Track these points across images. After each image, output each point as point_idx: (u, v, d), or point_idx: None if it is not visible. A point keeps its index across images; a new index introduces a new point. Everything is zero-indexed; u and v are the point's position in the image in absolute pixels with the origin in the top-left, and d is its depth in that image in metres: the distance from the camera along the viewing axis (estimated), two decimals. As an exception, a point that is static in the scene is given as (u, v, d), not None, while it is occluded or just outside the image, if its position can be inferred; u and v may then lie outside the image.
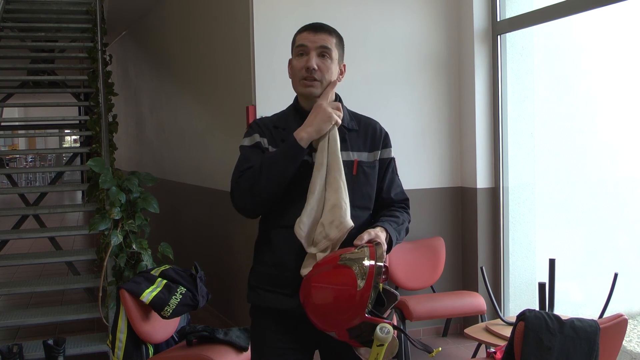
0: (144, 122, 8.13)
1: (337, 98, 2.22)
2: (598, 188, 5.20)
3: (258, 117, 4.39)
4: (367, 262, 1.78)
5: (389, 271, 1.92)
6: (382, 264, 1.80)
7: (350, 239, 1.95)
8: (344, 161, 2.05)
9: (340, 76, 2.20)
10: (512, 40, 4.75)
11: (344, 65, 2.23)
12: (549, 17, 4.34)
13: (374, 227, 1.99)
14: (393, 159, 2.21)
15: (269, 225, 2.11)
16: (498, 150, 4.76)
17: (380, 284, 1.87)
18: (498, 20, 4.74)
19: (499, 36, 4.74)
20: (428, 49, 4.86)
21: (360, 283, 1.75)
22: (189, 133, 6.17)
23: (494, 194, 4.80)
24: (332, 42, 2.11)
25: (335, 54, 2.12)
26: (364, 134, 2.17)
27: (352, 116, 2.22)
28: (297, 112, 2.14)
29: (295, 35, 2.18)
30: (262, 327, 2.10)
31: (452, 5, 4.89)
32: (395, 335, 1.77)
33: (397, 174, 2.25)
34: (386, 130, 2.24)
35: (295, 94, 2.20)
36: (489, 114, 4.79)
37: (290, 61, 2.20)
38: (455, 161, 4.95)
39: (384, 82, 4.74)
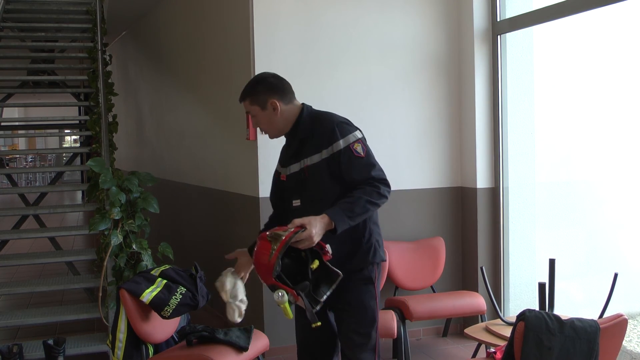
0: (144, 122, 8.13)
1: (300, 114, 2.65)
2: (598, 188, 5.20)
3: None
4: (279, 243, 2.26)
5: (328, 251, 2.39)
6: (288, 242, 2.26)
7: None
8: (302, 168, 2.60)
9: (276, 111, 2.61)
10: (512, 40, 4.74)
11: (273, 102, 2.61)
12: (549, 17, 4.34)
13: (319, 217, 2.38)
14: (347, 147, 2.52)
15: None
16: (498, 150, 4.76)
17: (316, 262, 2.37)
18: (498, 20, 4.74)
19: (499, 36, 4.74)
20: (428, 49, 4.86)
21: (270, 256, 2.26)
22: (189, 133, 6.17)
23: (494, 194, 4.80)
24: (247, 105, 2.64)
25: (255, 109, 2.62)
26: (316, 137, 2.58)
27: (312, 123, 2.63)
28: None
29: None
30: None
31: (452, 5, 4.89)
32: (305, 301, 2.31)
33: (360, 156, 2.53)
34: (367, 126, 2.86)
35: None
36: (489, 114, 4.79)
37: None
38: (455, 161, 4.95)
39: (384, 82, 4.74)
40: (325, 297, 2.38)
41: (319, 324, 2.36)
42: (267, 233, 2.34)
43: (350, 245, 2.59)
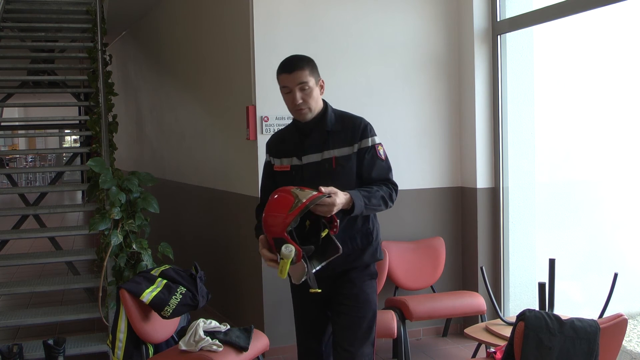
0: (144, 122, 8.13)
1: (324, 107, 2.66)
2: (598, 188, 5.20)
3: (259, 117, 4.40)
4: (304, 200, 2.27)
5: (337, 225, 2.40)
6: (313, 202, 2.27)
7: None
8: (326, 159, 2.59)
9: (322, 90, 2.66)
10: (512, 40, 4.75)
11: (322, 81, 2.66)
12: (549, 17, 4.34)
13: (344, 192, 2.41)
14: (373, 146, 2.63)
15: None
16: (498, 150, 4.76)
17: (326, 231, 2.40)
18: (498, 20, 4.74)
19: (499, 36, 4.74)
20: (428, 49, 4.86)
21: (291, 210, 2.26)
22: (189, 133, 6.17)
23: (494, 194, 4.80)
24: (306, 75, 2.57)
25: (312, 81, 2.58)
26: (346, 132, 2.63)
27: (339, 118, 2.67)
28: (296, 127, 2.70)
29: (277, 74, 2.63)
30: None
31: (452, 5, 4.89)
32: (304, 265, 2.32)
33: (381, 158, 2.64)
34: (377, 126, 2.71)
35: None
36: (489, 114, 4.79)
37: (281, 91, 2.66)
38: (455, 161, 4.95)
39: (384, 82, 4.74)
40: (314, 270, 2.38)
41: (319, 290, 2.39)
42: (293, 188, 2.35)
43: (361, 241, 2.64)
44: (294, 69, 2.56)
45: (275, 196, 2.37)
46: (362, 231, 2.63)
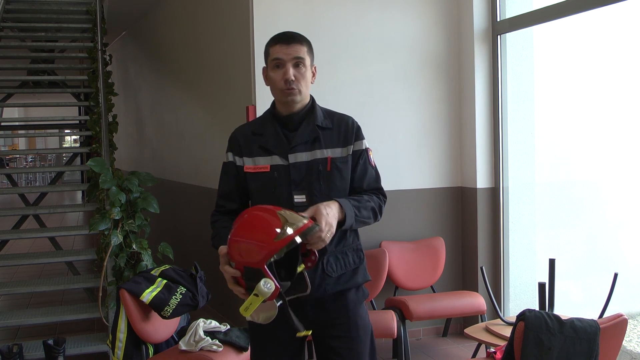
0: (144, 122, 8.13)
1: (311, 99, 2.33)
2: (598, 188, 5.20)
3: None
4: (291, 230, 1.88)
5: (316, 261, 2.04)
6: (299, 240, 1.90)
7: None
8: (318, 159, 2.22)
9: (313, 78, 2.32)
10: (512, 40, 4.75)
11: (315, 67, 2.33)
12: (549, 17, 4.34)
13: (331, 202, 2.09)
14: (365, 150, 2.31)
15: None
16: (498, 150, 4.76)
17: (302, 267, 2.01)
18: (498, 20, 4.74)
19: (499, 36, 4.74)
20: (428, 49, 4.86)
21: (277, 238, 1.86)
22: (189, 133, 6.17)
23: (494, 194, 4.80)
24: (304, 51, 2.23)
25: (307, 61, 2.25)
26: (338, 130, 2.29)
27: (326, 115, 2.33)
28: (274, 117, 2.30)
29: (268, 47, 2.27)
30: None
31: (452, 5, 4.89)
32: (276, 305, 1.91)
33: (371, 165, 2.33)
34: (367, 126, 2.44)
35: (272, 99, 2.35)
36: (489, 114, 4.79)
37: (264, 70, 2.31)
38: (455, 161, 4.95)
39: (384, 82, 4.75)
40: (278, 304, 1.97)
41: (309, 332, 2.04)
42: (281, 209, 1.96)
43: (352, 259, 2.29)
44: (293, 41, 2.21)
45: (252, 215, 2.00)
46: (353, 247, 2.29)
